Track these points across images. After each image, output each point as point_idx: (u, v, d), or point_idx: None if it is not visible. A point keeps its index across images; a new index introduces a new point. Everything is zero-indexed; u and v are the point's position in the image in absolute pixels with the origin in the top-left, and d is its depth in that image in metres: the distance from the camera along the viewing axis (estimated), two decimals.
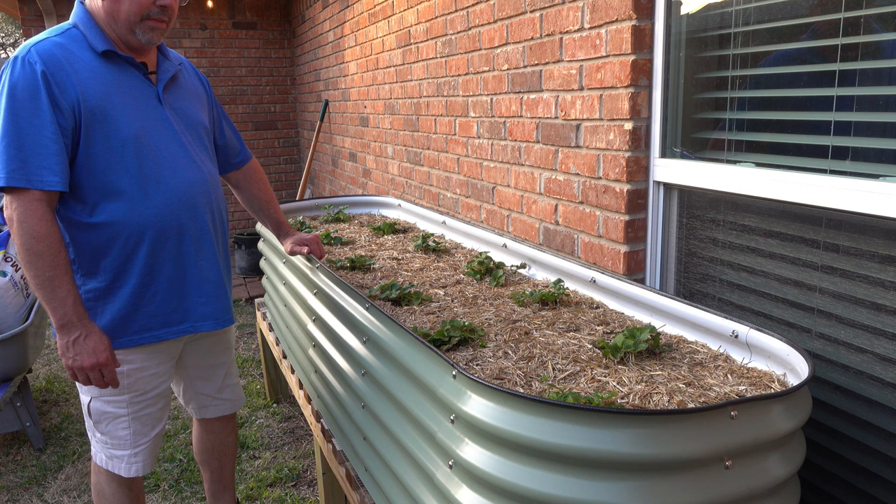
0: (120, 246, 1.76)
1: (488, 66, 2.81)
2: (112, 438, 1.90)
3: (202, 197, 1.88)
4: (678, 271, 2.02)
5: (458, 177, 3.20)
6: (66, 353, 1.69)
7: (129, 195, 1.74)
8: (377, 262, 2.48)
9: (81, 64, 1.68)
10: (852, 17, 1.44)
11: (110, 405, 1.86)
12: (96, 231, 1.74)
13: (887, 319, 1.43)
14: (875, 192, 1.38)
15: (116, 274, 1.78)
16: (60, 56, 1.65)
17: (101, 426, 1.88)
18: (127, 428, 1.88)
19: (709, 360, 1.50)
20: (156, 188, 1.77)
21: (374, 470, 1.67)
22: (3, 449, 3.28)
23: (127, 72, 1.78)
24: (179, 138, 1.85)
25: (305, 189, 6.20)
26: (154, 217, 1.77)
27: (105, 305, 1.79)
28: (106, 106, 1.70)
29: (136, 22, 1.72)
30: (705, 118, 1.89)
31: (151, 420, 1.93)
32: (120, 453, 1.91)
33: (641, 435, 1.07)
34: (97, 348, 1.70)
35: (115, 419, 1.87)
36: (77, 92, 1.65)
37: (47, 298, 1.65)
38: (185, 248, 1.85)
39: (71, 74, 1.65)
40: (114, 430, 1.88)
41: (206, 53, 6.74)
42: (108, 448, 1.91)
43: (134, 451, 1.91)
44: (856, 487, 1.52)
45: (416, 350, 1.47)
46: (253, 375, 4.04)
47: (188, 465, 3.04)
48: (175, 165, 1.82)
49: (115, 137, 1.70)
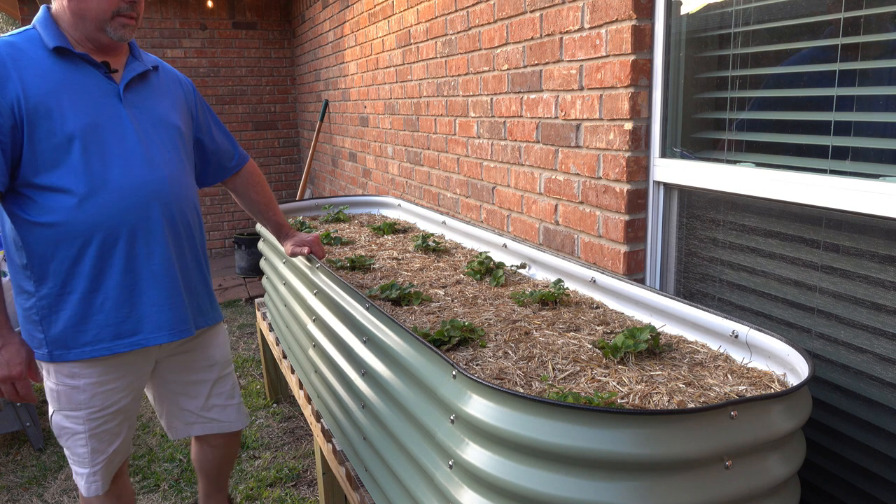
0: (66, 247, 1.70)
1: (488, 66, 2.81)
2: (73, 454, 1.85)
3: (157, 197, 1.79)
4: (678, 271, 2.02)
5: (458, 177, 3.20)
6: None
7: (77, 194, 1.68)
8: (377, 262, 2.48)
9: (28, 61, 1.66)
10: (852, 17, 1.45)
11: (68, 420, 1.80)
12: (44, 231, 1.68)
13: (887, 319, 1.43)
14: (875, 192, 1.38)
15: (65, 278, 1.72)
16: (4, 55, 1.64)
17: (62, 440, 1.84)
18: (85, 446, 1.83)
19: (709, 360, 1.50)
20: (103, 187, 1.71)
21: (374, 470, 1.67)
22: (3, 449, 3.28)
23: (82, 69, 1.74)
24: (137, 136, 1.78)
25: (305, 189, 6.20)
26: (101, 217, 1.70)
27: (57, 313, 1.73)
28: (51, 102, 1.66)
29: (107, 19, 1.70)
30: (705, 118, 1.89)
31: (109, 436, 1.86)
32: (81, 471, 1.86)
33: (641, 435, 1.07)
34: (11, 361, 1.66)
35: (73, 435, 1.82)
36: (18, 90, 1.62)
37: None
38: (137, 250, 1.76)
39: (12, 72, 1.63)
40: (73, 447, 1.84)
41: (206, 53, 6.74)
42: (73, 464, 1.88)
43: (92, 469, 1.86)
44: (856, 487, 1.52)
45: (416, 350, 1.47)
46: (253, 375, 4.05)
47: (188, 465, 3.04)
48: (128, 164, 1.75)
49: (59, 134, 1.66)
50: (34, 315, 1.74)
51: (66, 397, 1.78)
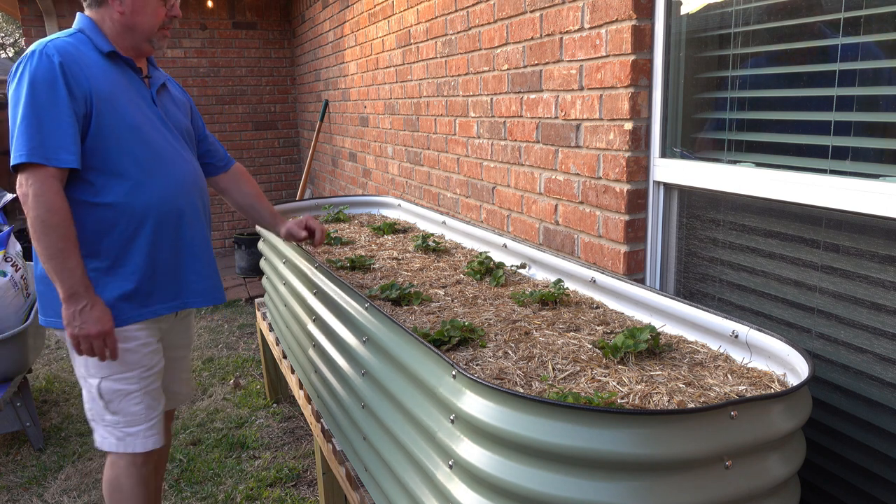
0: (122, 227, 1.87)
1: (488, 66, 2.81)
2: (125, 416, 1.95)
3: (194, 186, 2.03)
4: (678, 271, 2.02)
5: (458, 177, 3.20)
6: (73, 322, 1.78)
7: (134, 179, 1.87)
8: (377, 262, 2.48)
9: (90, 60, 1.84)
10: (852, 17, 1.45)
11: (121, 382, 1.93)
12: (100, 211, 1.85)
13: (887, 319, 1.43)
14: (875, 192, 1.38)
15: (118, 254, 1.88)
16: (73, 52, 1.81)
17: (113, 405, 1.93)
18: (140, 403, 1.95)
19: (709, 360, 1.50)
20: (157, 174, 1.91)
21: (374, 470, 1.67)
22: (3, 449, 3.28)
23: (127, 73, 1.95)
24: (172, 135, 2.01)
25: (305, 189, 6.20)
26: (156, 200, 1.90)
27: (105, 285, 1.88)
28: (113, 97, 1.85)
29: (154, 32, 1.93)
30: (705, 118, 1.89)
31: (157, 394, 2.01)
32: (135, 429, 1.96)
33: (641, 435, 1.07)
34: (102, 317, 1.80)
35: (126, 395, 1.94)
36: (88, 83, 1.80)
37: (57, 269, 1.75)
38: (182, 231, 1.98)
39: (84, 68, 1.80)
40: (127, 407, 1.94)
41: (206, 53, 6.74)
42: (121, 427, 1.95)
43: (149, 423, 1.98)
44: (856, 487, 1.52)
45: (416, 350, 1.47)
46: (253, 375, 4.04)
47: (188, 465, 3.04)
48: (171, 156, 1.97)
49: (121, 125, 1.85)
50: None
51: (119, 361, 1.90)
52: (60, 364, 4.35)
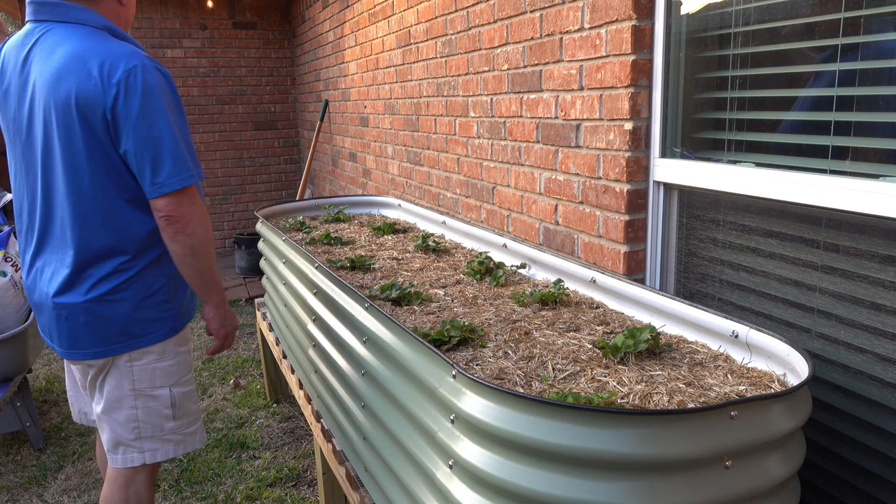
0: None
1: (488, 66, 2.81)
2: (188, 416, 1.97)
3: None
4: (678, 271, 2.02)
5: (458, 177, 3.20)
6: (225, 323, 1.94)
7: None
8: (377, 262, 2.48)
9: None
10: (852, 17, 1.45)
11: (186, 384, 1.96)
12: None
13: (887, 319, 1.43)
14: (875, 192, 1.38)
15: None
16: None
17: (182, 409, 1.94)
18: (197, 401, 2.02)
19: (709, 360, 1.50)
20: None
21: (374, 470, 1.67)
22: (3, 449, 3.28)
23: None
24: None
25: (305, 189, 6.20)
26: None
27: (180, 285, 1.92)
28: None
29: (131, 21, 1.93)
30: (705, 118, 1.89)
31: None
32: (194, 427, 2.00)
33: (641, 435, 1.07)
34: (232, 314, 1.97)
35: (190, 395, 1.98)
36: None
37: (213, 280, 1.85)
38: None
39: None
40: (190, 407, 1.98)
41: (206, 53, 6.74)
42: (184, 429, 1.96)
43: (201, 420, 2.05)
44: (856, 487, 1.52)
45: (416, 350, 1.47)
46: (253, 375, 4.04)
47: (188, 465, 3.04)
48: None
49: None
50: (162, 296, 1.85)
51: (182, 365, 1.94)
52: (60, 364, 4.35)
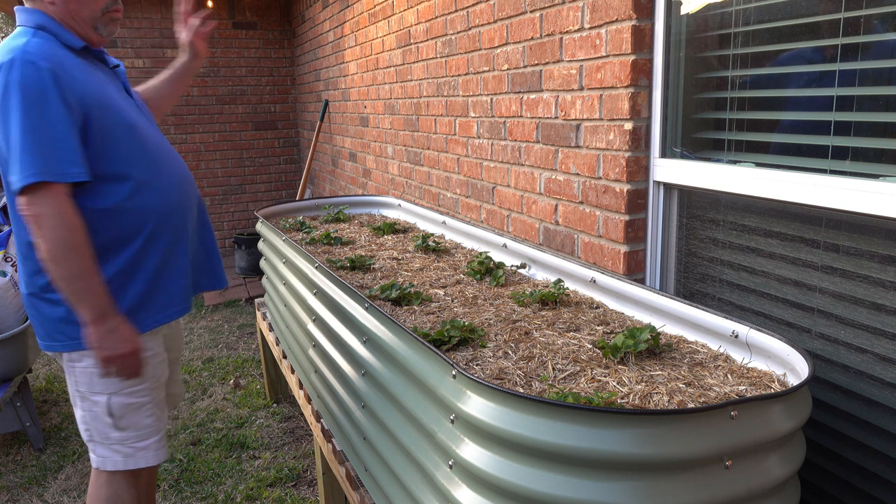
0: (138, 228, 1.80)
1: (488, 66, 2.81)
2: (136, 430, 1.87)
3: (189, 177, 1.99)
4: (678, 271, 2.02)
5: (458, 177, 3.20)
6: (104, 345, 1.69)
7: (141, 180, 1.79)
8: (377, 262, 2.48)
9: (70, 61, 1.70)
10: (852, 17, 1.45)
11: (133, 396, 1.85)
12: (114, 216, 1.76)
13: (887, 319, 1.43)
14: (875, 192, 1.38)
15: (138, 256, 1.81)
16: (54, 54, 1.66)
17: (123, 421, 1.85)
18: (151, 415, 1.89)
19: (709, 360, 1.50)
20: (160, 172, 1.84)
21: (374, 470, 1.67)
22: (3, 449, 3.28)
23: (100, 67, 1.83)
24: (154, 125, 1.94)
25: (305, 189, 6.19)
26: (165, 198, 1.84)
27: (128, 290, 1.80)
28: (103, 97, 1.74)
29: (98, 17, 1.76)
30: (705, 118, 1.89)
31: (164, 405, 1.98)
32: (146, 443, 1.89)
33: (641, 435, 1.07)
34: (132, 335, 1.74)
35: (139, 409, 1.87)
36: (78, 86, 1.67)
37: (83, 291, 1.65)
38: (191, 224, 1.95)
39: (69, 70, 1.67)
40: (139, 421, 1.87)
41: None
42: (131, 443, 1.87)
43: (159, 435, 1.93)
44: (856, 487, 1.52)
45: (416, 350, 1.47)
46: (253, 375, 4.04)
47: (188, 465, 3.04)
48: (165, 149, 1.90)
49: (119, 126, 1.75)
50: None
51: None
52: (60, 364, 4.34)
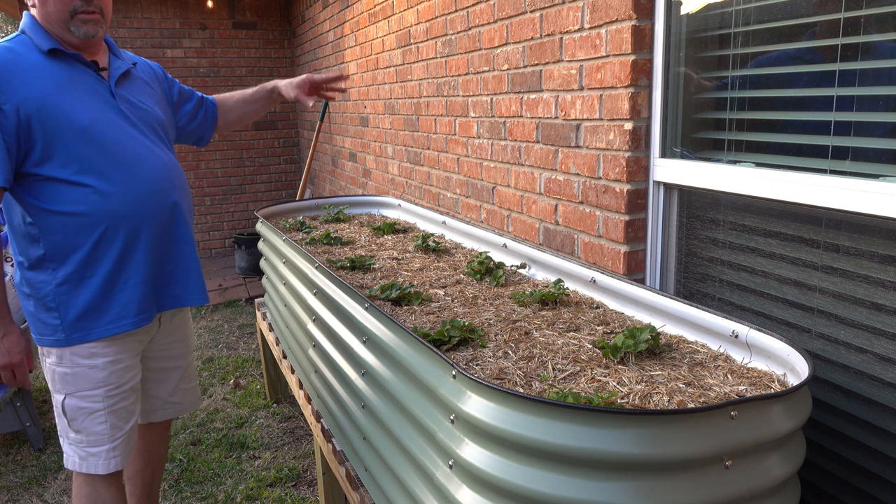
0: (90, 234, 1.79)
1: (488, 66, 2.81)
2: (88, 435, 1.87)
3: (166, 182, 1.92)
4: (678, 271, 2.02)
5: (458, 177, 3.20)
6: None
7: (93, 184, 1.78)
8: (377, 262, 2.48)
9: (28, 65, 1.74)
10: (852, 17, 1.45)
11: (85, 400, 1.85)
12: (66, 220, 1.77)
13: (887, 319, 1.43)
14: (875, 192, 1.38)
15: (87, 262, 1.80)
16: (7, 59, 1.72)
17: (75, 423, 1.86)
18: (104, 422, 1.87)
19: (709, 360, 1.50)
20: (120, 176, 1.81)
21: (374, 470, 1.67)
22: (3, 449, 3.28)
23: (77, 69, 1.83)
24: (136, 129, 1.90)
25: (305, 189, 6.19)
26: (126, 204, 1.81)
27: (77, 297, 1.81)
28: (56, 101, 1.74)
29: (66, 19, 1.78)
30: (705, 118, 1.89)
31: (126, 413, 1.92)
32: (97, 449, 1.88)
33: (641, 435, 1.07)
34: (12, 349, 1.77)
35: (90, 414, 1.86)
36: (22, 91, 1.70)
37: None
38: (155, 232, 1.89)
39: (16, 75, 1.71)
40: (90, 426, 1.87)
41: (206, 53, 6.74)
42: (84, 447, 1.88)
43: (112, 444, 1.89)
44: (856, 487, 1.52)
45: (416, 350, 1.47)
46: (253, 375, 4.04)
47: (188, 465, 3.04)
48: (136, 154, 1.86)
49: (69, 130, 1.75)
50: (49, 303, 1.82)
51: (83, 378, 1.84)
52: None
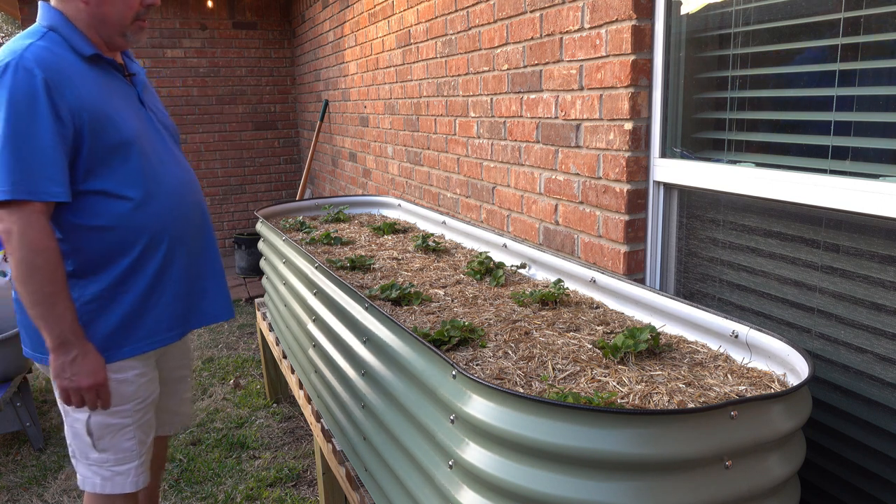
0: (127, 248, 1.72)
1: (488, 66, 2.81)
2: (116, 453, 1.79)
3: (195, 195, 1.88)
4: (678, 271, 2.02)
5: (458, 177, 3.20)
6: (62, 374, 1.62)
7: (135, 197, 1.71)
8: (377, 262, 2.48)
9: (73, 69, 1.63)
10: (852, 17, 1.45)
11: (115, 417, 1.77)
12: (102, 234, 1.69)
13: (887, 319, 1.43)
14: (875, 192, 1.38)
15: (123, 278, 1.73)
16: (55, 62, 1.59)
17: (103, 442, 1.77)
18: (132, 438, 1.80)
19: (709, 360, 1.50)
20: (158, 189, 1.75)
21: (374, 470, 1.67)
22: (3, 449, 3.28)
23: (111, 75, 1.75)
24: (165, 139, 1.85)
25: (305, 189, 6.19)
26: (159, 218, 1.75)
27: (108, 314, 1.73)
28: (105, 109, 1.66)
29: (127, 24, 1.71)
30: (705, 118, 1.89)
31: (149, 427, 1.87)
32: (125, 467, 1.80)
33: (641, 435, 1.07)
34: (95, 368, 1.65)
35: (119, 431, 1.78)
36: (76, 98, 1.60)
37: (44, 316, 1.57)
38: (190, 247, 1.84)
39: (68, 79, 1.60)
40: (119, 443, 1.79)
41: (206, 53, 6.74)
42: (111, 466, 1.79)
43: (140, 461, 1.83)
44: (856, 487, 1.52)
45: (416, 350, 1.47)
46: (253, 375, 4.04)
47: (188, 465, 3.04)
48: (169, 166, 1.81)
49: (117, 141, 1.67)
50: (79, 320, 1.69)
51: (113, 393, 1.74)
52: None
